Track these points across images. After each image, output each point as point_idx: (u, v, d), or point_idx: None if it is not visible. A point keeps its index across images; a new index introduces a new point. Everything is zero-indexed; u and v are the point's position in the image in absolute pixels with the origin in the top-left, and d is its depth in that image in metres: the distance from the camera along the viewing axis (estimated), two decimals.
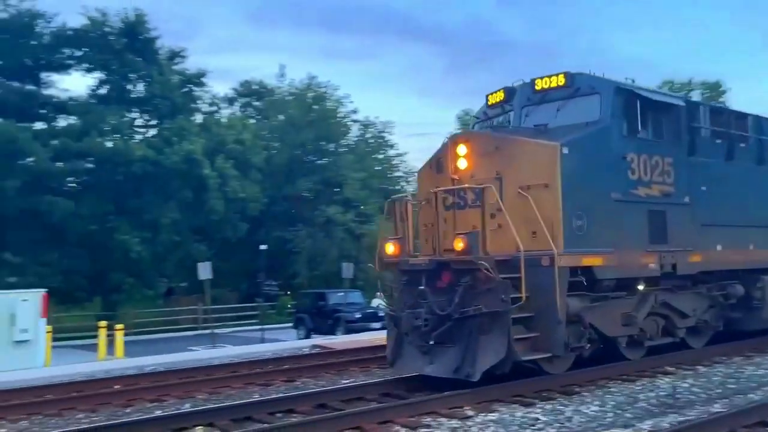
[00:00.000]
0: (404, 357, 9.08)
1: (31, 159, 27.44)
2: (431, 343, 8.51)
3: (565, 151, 8.69)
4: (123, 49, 30.07)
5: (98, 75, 31.38)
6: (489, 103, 10.86)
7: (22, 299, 15.51)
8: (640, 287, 9.69)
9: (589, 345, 9.15)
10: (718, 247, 10.89)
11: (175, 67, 32.96)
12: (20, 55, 28.87)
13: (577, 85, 9.63)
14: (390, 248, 9.41)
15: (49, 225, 27.15)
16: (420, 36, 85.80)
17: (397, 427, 7.19)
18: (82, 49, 30.53)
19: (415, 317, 8.55)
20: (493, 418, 7.40)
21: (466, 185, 9.09)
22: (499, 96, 10.56)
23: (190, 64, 34.01)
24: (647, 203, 9.81)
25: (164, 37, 32.99)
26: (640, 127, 9.76)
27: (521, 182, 8.78)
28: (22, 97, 29.07)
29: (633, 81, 10.73)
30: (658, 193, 9.98)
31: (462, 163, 9.34)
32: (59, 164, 28.62)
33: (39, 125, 30.24)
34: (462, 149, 9.35)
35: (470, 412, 7.62)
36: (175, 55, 33.12)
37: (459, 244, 8.32)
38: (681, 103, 10.73)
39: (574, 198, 8.73)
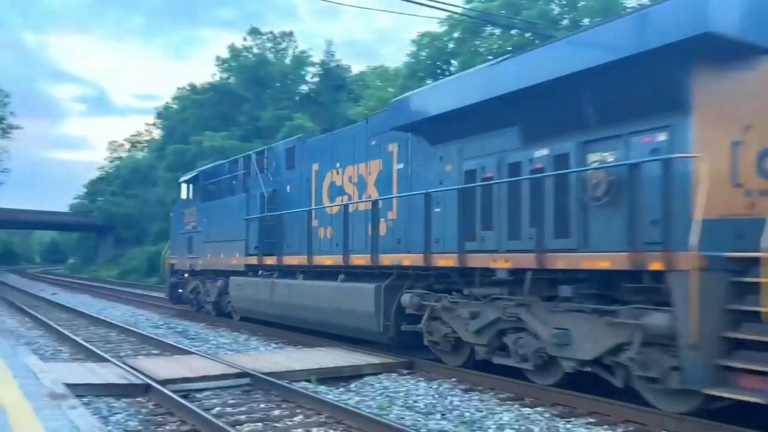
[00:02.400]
0: None
1: None
2: None
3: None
4: None
5: None
6: None
7: None
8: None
9: None
10: (209, 256, 17.83)
11: None
12: None
13: None
14: None
15: None
16: None
17: None
18: None
19: None
20: None
21: None
22: None
23: None
24: (188, 233, 19.46)
25: None
26: (188, 195, 19.96)
27: None
28: None
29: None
30: (191, 228, 19.29)
31: None
32: None
33: None
34: None
35: None
36: None
37: None
38: (198, 174, 19.55)
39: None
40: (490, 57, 26.11)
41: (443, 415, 7.80)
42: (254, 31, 50.72)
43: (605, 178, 7.24)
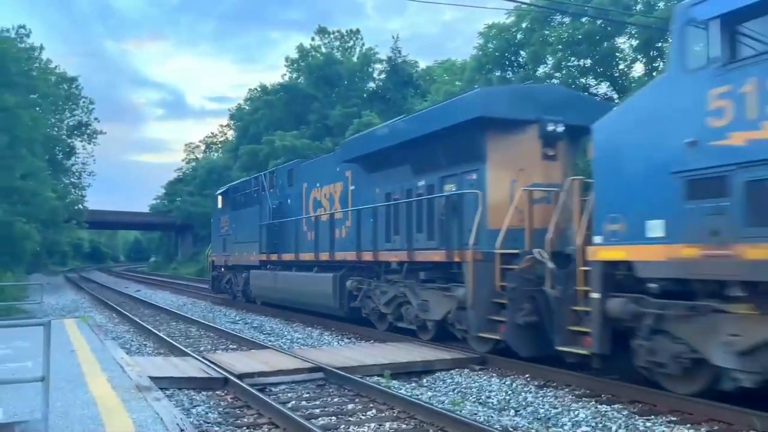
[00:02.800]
0: None
1: None
2: None
3: None
4: None
5: None
6: None
7: None
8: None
9: None
10: (236, 254, 21.99)
11: None
12: None
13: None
14: None
15: None
16: None
17: None
18: None
19: None
20: None
21: None
22: None
23: None
24: (223, 236, 23.75)
25: None
26: (222, 205, 24.34)
27: None
28: None
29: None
30: (225, 231, 23.44)
31: None
32: None
33: None
34: None
35: None
36: None
37: None
38: (229, 188, 23.99)
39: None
40: (560, 47, 25.53)
41: (517, 411, 7.71)
42: (322, 31, 51.40)
43: (444, 202, 11.28)
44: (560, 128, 10.43)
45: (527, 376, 9.26)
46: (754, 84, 6.25)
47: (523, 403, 7.93)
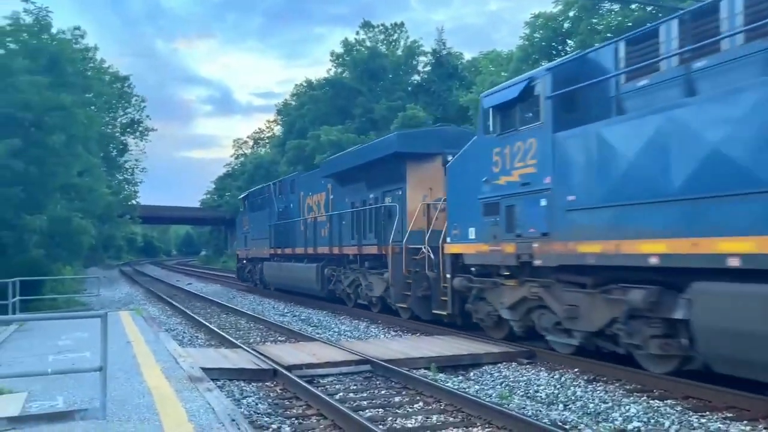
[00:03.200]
0: None
1: None
2: None
3: None
4: None
5: None
6: None
7: None
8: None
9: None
10: (254, 249, 27.09)
11: None
12: None
13: None
14: None
15: None
16: None
17: None
18: None
19: None
20: None
21: None
22: None
23: None
24: (244, 233, 29.37)
25: None
26: (244, 208, 30.36)
27: None
28: None
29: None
30: (246, 230, 28.65)
31: None
32: None
33: None
34: None
35: None
36: None
37: None
38: (248, 194, 29.24)
39: None
40: (609, 35, 24.95)
41: (566, 405, 7.62)
42: (366, 25, 51.47)
43: (383, 211, 15.61)
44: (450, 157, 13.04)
45: (576, 370, 9.14)
46: (508, 148, 10.21)
47: (573, 398, 7.83)
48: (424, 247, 13.47)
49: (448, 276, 12.11)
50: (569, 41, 28.29)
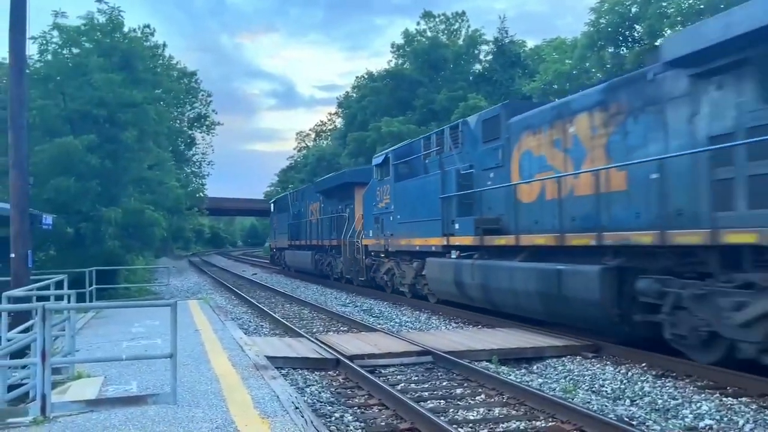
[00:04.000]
0: None
1: None
2: None
3: None
4: None
5: None
6: None
7: None
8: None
9: None
10: (279, 240, 39.32)
11: None
12: None
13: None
14: None
15: None
16: None
17: None
18: None
19: None
20: None
21: None
22: None
23: None
24: (273, 229, 43.79)
25: None
26: (273, 210, 43.83)
27: None
28: None
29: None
30: (274, 226, 42.61)
31: None
32: None
33: None
34: None
35: None
36: None
37: None
38: (276, 200, 44.04)
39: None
40: (679, 18, 24.02)
41: (633, 401, 7.43)
42: (427, 15, 51.15)
43: (340, 216, 24.24)
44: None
45: (644, 365, 8.89)
46: (380, 188, 19.08)
47: (640, 393, 7.63)
48: (357, 241, 21.91)
49: (363, 257, 21.41)
50: (637, 26, 27.38)
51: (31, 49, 21.69)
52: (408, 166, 17.86)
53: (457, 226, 14.22)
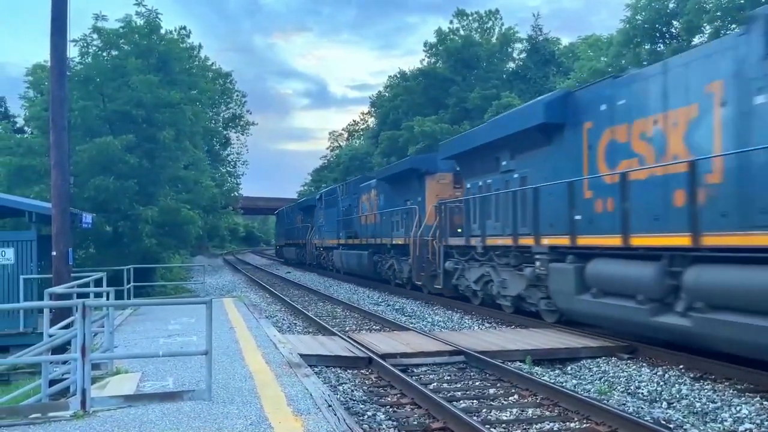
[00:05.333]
0: None
1: None
2: None
3: None
4: None
5: None
6: None
7: None
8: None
9: None
10: (280, 241, 57.16)
11: None
12: None
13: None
14: None
15: None
16: None
17: None
18: None
19: None
20: None
21: None
22: None
23: None
24: (276, 232, 70.51)
25: None
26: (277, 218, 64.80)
27: None
28: None
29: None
30: (279, 230, 61.20)
31: None
32: None
33: None
34: None
35: None
36: None
37: None
38: (279, 212, 59.21)
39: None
40: (719, 14, 23.50)
41: (670, 403, 7.30)
42: (460, 13, 50.94)
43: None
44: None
45: (681, 366, 8.72)
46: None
47: (677, 396, 7.49)
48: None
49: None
50: (674, 22, 26.85)
51: (72, 52, 22.23)
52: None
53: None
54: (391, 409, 7.20)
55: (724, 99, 8.11)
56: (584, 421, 6.50)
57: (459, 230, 16.18)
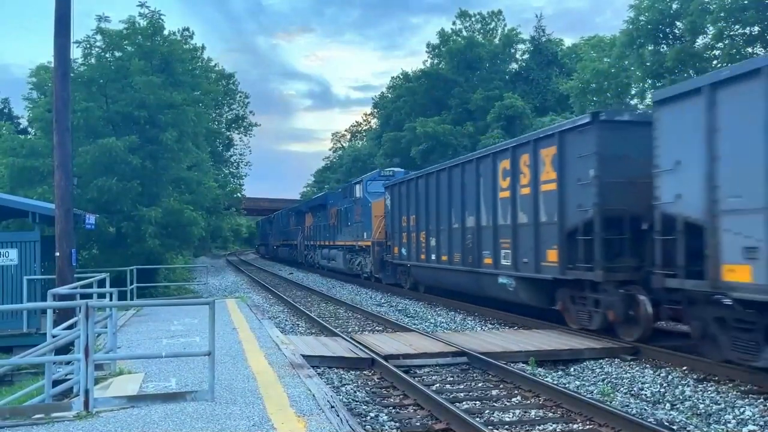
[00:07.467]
0: None
1: None
2: None
3: None
4: None
5: None
6: None
7: None
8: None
9: None
10: (273, 242, 61.69)
11: None
12: None
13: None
14: None
15: None
16: None
17: None
18: None
19: None
20: None
21: None
22: None
23: None
24: (270, 233, 66.64)
25: None
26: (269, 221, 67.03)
27: None
28: None
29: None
30: (268, 232, 65.66)
31: None
32: None
33: None
34: None
35: None
36: None
37: None
38: (268, 217, 67.41)
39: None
40: (722, 14, 23.45)
41: (673, 405, 7.29)
42: (463, 14, 50.95)
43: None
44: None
45: (684, 368, 8.71)
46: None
47: (680, 397, 7.48)
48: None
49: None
50: (678, 23, 26.80)
51: (75, 53, 22.27)
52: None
53: None
54: (393, 410, 7.19)
55: None
56: (587, 423, 6.49)
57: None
